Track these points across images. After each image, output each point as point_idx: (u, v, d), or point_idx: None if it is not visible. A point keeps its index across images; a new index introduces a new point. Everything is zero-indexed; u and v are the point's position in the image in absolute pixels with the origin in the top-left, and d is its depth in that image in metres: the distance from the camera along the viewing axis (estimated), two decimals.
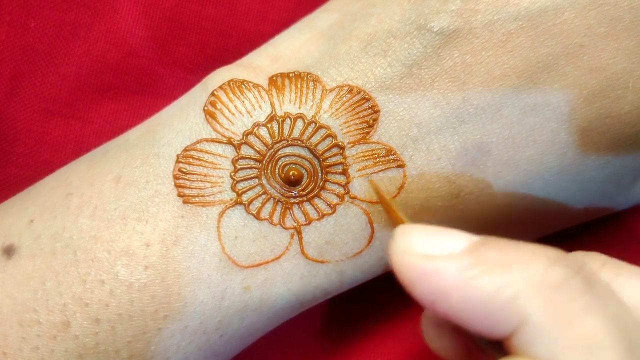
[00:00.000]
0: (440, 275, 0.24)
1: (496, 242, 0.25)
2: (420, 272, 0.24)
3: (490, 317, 0.23)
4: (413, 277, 0.24)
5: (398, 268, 0.25)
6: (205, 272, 0.31)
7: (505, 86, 0.31)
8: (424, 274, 0.24)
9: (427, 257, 0.24)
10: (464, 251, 0.24)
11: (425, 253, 0.24)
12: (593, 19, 0.31)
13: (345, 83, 0.32)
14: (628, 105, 0.32)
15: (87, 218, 0.31)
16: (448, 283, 0.24)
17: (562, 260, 0.24)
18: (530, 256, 0.24)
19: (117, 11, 0.39)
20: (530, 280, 0.23)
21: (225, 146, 0.31)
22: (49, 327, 0.30)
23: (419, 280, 0.24)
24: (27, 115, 0.39)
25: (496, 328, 0.23)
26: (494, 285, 0.23)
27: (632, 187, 0.35)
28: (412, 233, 0.25)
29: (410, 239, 0.25)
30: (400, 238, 0.25)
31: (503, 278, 0.23)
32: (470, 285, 0.23)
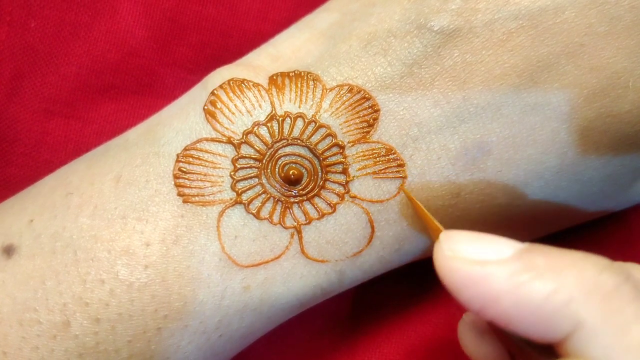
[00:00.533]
0: (489, 281, 0.24)
1: (542, 248, 0.25)
2: (468, 277, 0.24)
3: (543, 321, 0.23)
4: (460, 282, 0.24)
5: (444, 273, 0.25)
6: (205, 272, 0.31)
7: (506, 85, 0.31)
8: (472, 279, 0.24)
9: (476, 262, 0.24)
10: (512, 257, 0.24)
11: (473, 258, 0.24)
12: (593, 18, 0.31)
13: (345, 82, 0.32)
14: (628, 105, 0.32)
15: (87, 217, 0.31)
16: (498, 288, 0.24)
17: (612, 267, 0.24)
18: (580, 262, 0.24)
19: (118, 11, 0.39)
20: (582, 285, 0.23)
21: (225, 145, 0.31)
22: (49, 327, 0.30)
23: (467, 285, 0.24)
24: (27, 116, 0.39)
25: (549, 332, 0.23)
26: (546, 289, 0.23)
27: (631, 187, 0.35)
28: (458, 238, 0.25)
29: (456, 245, 0.25)
30: (446, 243, 0.25)
31: (555, 282, 0.23)
32: (521, 290, 0.23)
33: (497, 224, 0.34)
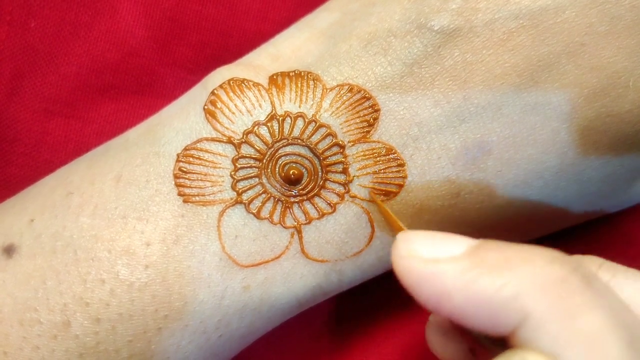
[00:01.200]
0: (442, 278, 0.24)
1: (494, 243, 0.25)
2: (423, 276, 0.24)
3: (492, 315, 0.23)
4: (416, 280, 0.25)
5: (401, 272, 0.25)
6: (205, 272, 0.31)
7: (506, 85, 0.31)
8: (427, 277, 0.24)
9: (429, 260, 0.25)
10: (464, 254, 0.25)
11: (427, 257, 0.25)
12: (594, 17, 0.31)
13: (345, 82, 0.32)
14: (628, 105, 0.32)
15: (87, 217, 0.31)
16: (450, 285, 0.24)
17: (561, 259, 0.24)
18: (529, 255, 0.24)
19: (117, 11, 0.39)
20: (530, 278, 0.23)
21: (225, 145, 0.31)
22: (49, 327, 0.30)
23: (422, 283, 0.25)
24: (27, 115, 0.39)
25: (499, 325, 0.24)
26: (494, 284, 0.23)
27: (630, 188, 0.35)
28: (413, 238, 0.26)
29: (411, 245, 0.25)
30: (402, 244, 0.26)
31: (503, 277, 0.23)
32: (471, 286, 0.24)
33: (497, 224, 0.34)
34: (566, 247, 0.41)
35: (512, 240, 0.36)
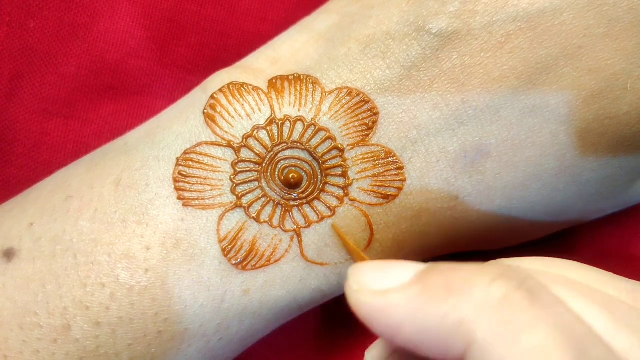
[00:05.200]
0: (391, 310, 0.24)
1: (441, 266, 0.24)
2: (374, 309, 0.24)
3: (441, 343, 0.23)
4: (368, 314, 0.24)
5: (354, 306, 0.24)
6: (205, 275, 0.31)
7: (504, 88, 0.31)
8: (378, 310, 0.24)
9: (378, 292, 0.24)
10: (412, 281, 0.24)
11: (376, 289, 0.24)
12: (592, 19, 0.31)
13: (344, 85, 0.32)
14: (626, 107, 0.32)
15: (87, 221, 0.31)
16: (399, 316, 0.23)
17: (504, 275, 0.23)
18: (472, 276, 0.23)
19: (117, 12, 0.39)
20: (472, 301, 0.23)
21: (225, 149, 0.31)
22: (49, 331, 0.30)
23: (374, 316, 0.24)
24: (26, 116, 0.39)
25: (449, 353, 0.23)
26: (439, 311, 0.23)
27: (629, 189, 0.35)
28: (362, 271, 0.25)
29: (361, 277, 0.25)
30: (352, 277, 0.25)
31: (447, 303, 0.23)
32: (418, 315, 0.23)
33: (496, 226, 0.34)
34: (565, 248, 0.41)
35: (513, 242, 0.37)
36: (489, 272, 0.23)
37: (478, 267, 0.24)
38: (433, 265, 0.25)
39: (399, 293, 0.24)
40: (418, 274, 0.24)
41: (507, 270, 0.24)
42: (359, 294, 0.24)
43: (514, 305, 0.22)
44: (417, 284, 0.24)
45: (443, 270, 0.24)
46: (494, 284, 0.23)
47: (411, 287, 0.24)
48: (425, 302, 0.23)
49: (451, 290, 0.23)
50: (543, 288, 0.23)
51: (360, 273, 0.25)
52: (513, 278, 0.23)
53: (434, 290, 0.23)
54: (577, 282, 0.25)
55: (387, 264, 0.25)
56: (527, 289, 0.23)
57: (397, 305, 0.23)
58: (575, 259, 0.42)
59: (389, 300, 0.24)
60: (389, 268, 0.25)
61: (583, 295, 0.24)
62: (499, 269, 0.24)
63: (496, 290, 0.23)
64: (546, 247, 0.40)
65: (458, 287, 0.23)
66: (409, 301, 0.23)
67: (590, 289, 0.25)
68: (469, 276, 0.23)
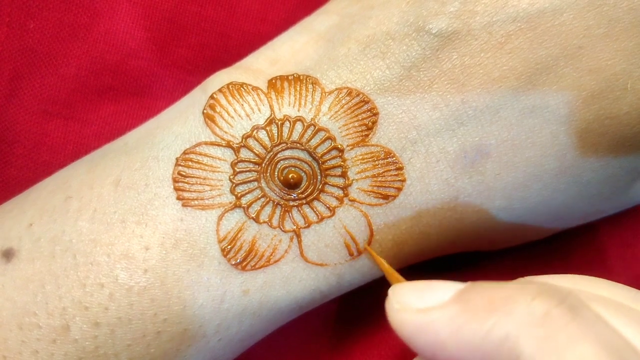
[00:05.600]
0: (433, 327, 0.24)
1: (481, 285, 0.25)
2: (416, 327, 0.24)
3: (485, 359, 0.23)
4: (411, 333, 0.25)
5: (396, 326, 0.25)
6: (204, 276, 0.31)
7: (504, 88, 0.31)
8: (420, 328, 0.24)
9: (420, 311, 0.25)
10: (452, 299, 0.25)
11: (418, 307, 0.25)
12: (592, 20, 0.31)
13: (344, 85, 0.32)
14: (627, 107, 0.32)
15: (86, 221, 0.31)
16: (442, 334, 0.24)
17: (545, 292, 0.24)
18: (514, 294, 0.24)
19: (116, 12, 0.39)
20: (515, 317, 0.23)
21: (224, 149, 0.31)
22: (48, 331, 0.30)
23: (417, 335, 0.24)
24: (26, 117, 0.39)
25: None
26: (482, 329, 0.23)
27: (629, 189, 0.35)
28: (403, 290, 0.26)
29: (402, 297, 0.25)
30: (394, 297, 0.26)
31: (490, 321, 0.23)
32: (461, 333, 0.23)
33: (496, 227, 0.34)
34: (565, 248, 0.41)
35: (513, 242, 0.37)
36: (529, 289, 0.24)
37: (518, 285, 0.24)
38: (473, 284, 0.25)
39: (441, 311, 0.24)
40: (458, 293, 0.25)
41: (547, 288, 0.24)
42: (401, 313, 0.25)
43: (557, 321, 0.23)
44: (458, 302, 0.24)
45: (483, 288, 0.25)
46: (535, 301, 0.23)
47: (452, 305, 0.24)
48: (468, 319, 0.24)
49: (493, 307, 0.23)
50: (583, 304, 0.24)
51: (401, 293, 0.26)
52: (554, 295, 0.23)
53: (475, 307, 0.24)
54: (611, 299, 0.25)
55: (428, 284, 0.26)
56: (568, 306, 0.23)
57: (440, 322, 0.24)
58: (575, 260, 0.42)
59: (432, 318, 0.24)
60: (429, 287, 0.25)
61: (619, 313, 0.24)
62: (539, 286, 0.24)
63: (538, 307, 0.23)
64: (546, 247, 0.40)
65: (500, 304, 0.23)
66: (452, 319, 0.24)
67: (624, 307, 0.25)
68: (510, 294, 0.24)
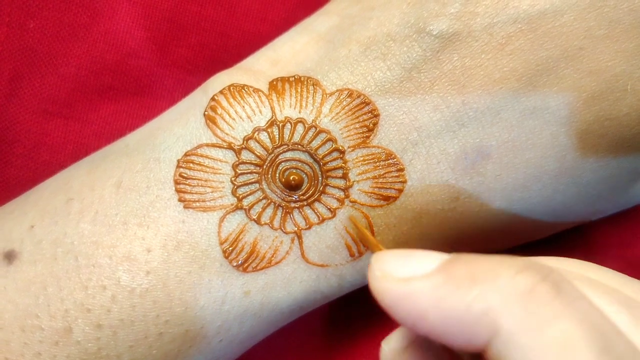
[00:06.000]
0: (415, 297, 0.24)
1: (466, 257, 0.25)
2: (398, 296, 0.24)
3: (466, 332, 0.23)
4: (392, 301, 0.24)
5: (377, 294, 0.25)
6: (206, 277, 0.31)
7: (505, 89, 0.31)
8: (401, 297, 0.24)
9: (402, 280, 0.24)
10: (436, 270, 0.24)
11: (400, 276, 0.24)
12: (592, 21, 0.31)
13: (345, 87, 0.32)
14: (627, 108, 0.32)
15: (88, 223, 0.31)
16: (423, 304, 0.24)
17: (530, 267, 0.23)
18: (498, 267, 0.24)
19: (116, 12, 0.39)
20: (498, 291, 0.23)
21: (225, 151, 0.31)
22: (51, 333, 0.30)
23: (398, 304, 0.24)
24: (26, 117, 0.39)
25: (473, 342, 0.23)
26: (465, 300, 0.23)
27: (629, 190, 0.35)
28: (387, 258, 0.25)
29: (385, 265, 0.25)
30: (376, 265, 0.25)
31: (472, 292, 0.23)
32: (443, 304, 0.23)
33: (496, 227, 0.34)
34: (565, 248, 0.41)
35: (513, 243, 0.37)
36: (514, 263, 0.24)
37: (503, 258, 0.24)
38: (457, 255, 0.25)
39: (423, 281, 0.24)
40: (442, 263, 0.24)
41: (532, 263, 0.24)
42: (382, 281, 0.24)
43: (540, 297, 0.22)
44: (441, 272, 0.24)
45: (468, 260, 0.24)
46: (519, 275, 0.23)
47: (436, 275, 0.24)
48: (450, 290, 0.23)
49: (476, 279, 0.23)
50: (567, 282, 0.24)
51: (383, 261, 0.25)
52: (538, 271, 0.23)
53: (459, 279, 0.23)
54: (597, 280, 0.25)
55: (411, 252, 0.25)
56: (552, 282, 0.23)
57: (422, 292, 0.24)
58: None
59: (414, 287, 0.24)
60: (413, 256, 0.25)
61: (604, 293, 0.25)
62: (524, 261, 0.24)
63: (522, 281, 0.23)
64: (546, 248, 0.40)
65: (483, 276, 0.23)
66: (434, 289, 0.24)
67: (610, 288, 0.25)
68: (495, 266, 0.24)
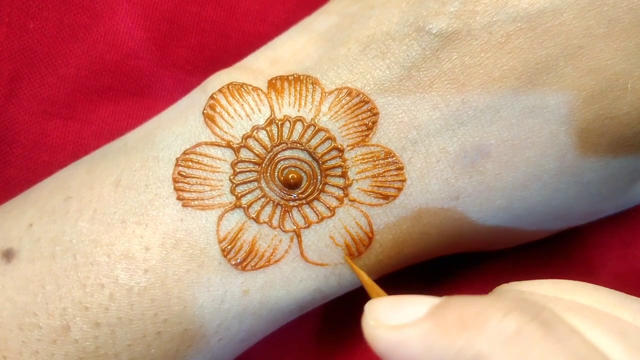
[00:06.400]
0: (406, 345, 0.23)
1: (455, 301, 0.24)
2: (390, 344, 0.24)
3: None
4: (384, 349, 0.24)
5: (371, 343, 0.24)
6: (204, 276, 0.31)
7: (504, 88, 0.31)
8: (393, 345, 0.24)
9: (393, 327, 0.24)
10: (425, 316, 0.24)
11: (392, 324, 0.24)
12: (592, 19, 0.31)
13: (344, 86, 0.32)
14: (627, 107, 0.32)
15: (86, 222, 0.31)
16: (414, 351, 0.23)
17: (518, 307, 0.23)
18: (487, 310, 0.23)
19: (116, 13, 0.39)
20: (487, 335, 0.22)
21: (224, 149, 0.31)
22: (49, 331, 0.30)
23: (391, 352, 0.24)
24: (25, 117, 0.39)
25: None
26: (454, 346, 0.23)
27: (629, 189, 0.35)
28: (378, 306, 0.25)
29: (377, 313, 0.25)
30: (369, 313, 0.25)
31: (462, 339, 0.23)
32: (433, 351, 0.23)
33: (496, 227, 0.34)
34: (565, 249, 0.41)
35: (513, 243, 0.37)
36: (502, 305, 0.23)
37: (492, 300, 0.24)
38: (447, 299, 0.24)
39: (413, 328, 0.24)
40: (432, 309, 0.24)
41: (521, 302, 0.24)
42: (375, 330, 0.24)
43: (528, 338, 0.22)
44: (431, 318, 0.24)
45: (457, 304, 0.24)
46: (507, 317, 0.23)
47: (426, 322, 0.24)
48: (440, 336, 0.23)
49: (465, 324, 0.23)
50: (557, 319, 0.23)
51: (376, 308, 0.25)
52: (527, 310, 0.23)
53: (448, 324, 0.23)
54: (591, 308, 0.25)
55: (402, 299, 0.25)
56: (541, 321, 0.23)
57: (412, 340, 0.23)
58: (575, 260, 0.42)
59: (405, 335, 0.24)
60: (403, 303, 0.25)
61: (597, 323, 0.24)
62: (512, 301, 0.24)
63: (510, 323, 0.22)
64: (546, 247, 0.40)
65: (472, 321, 0.23)
66: (424, 336, 0.23)
67: (603, 316, 0.25)
68: (483, 310, 0.23)
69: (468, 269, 0.41)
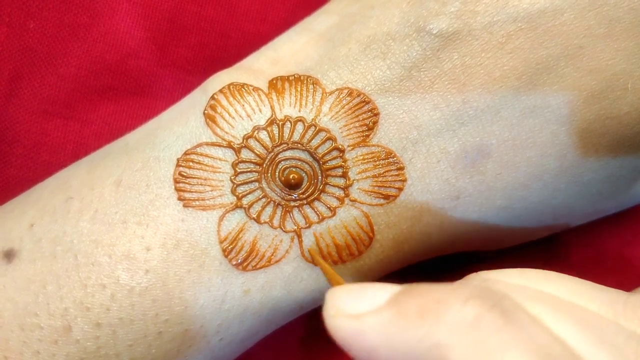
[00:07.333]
0: (366, 333, 0.23)
1: (416, 288, 0.24)
2: (350, 333, 0.23)
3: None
4: (344, 338, 0.24)
5: (331, 332, 0.24)
6: (205, 276, 0.31)
7: (505, 88, 0.31)
8: (353, 334, 0.23)
9: (353, 316, 0.24)
10: (386, 304, 0.23)
11: (352, 313, 0.24)
12: (592, 19, 0.31)
13: (344, 86, 0.32)
14: (627, 107, 0.32)
15: (87, 222, 0.31)
16: (374, 340, 0.23)
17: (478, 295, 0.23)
18: (447, 297, 0.23)
19: (116, 12, 0.39)
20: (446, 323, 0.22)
21: (225, 150, 0.31)
22: (50, 332, 0.30)
23: (351, 341, 0.23)
24: (26, 117, 0.39)
25: None
26: (414, 335, 0.22)
27: (630, 189, 0.35)
28: (338, 295, 0.25)
29: (337, 302, 0.24)
30: (329, 302, 0.25)
31: (422, 327, 0.22)
32: (393, 339, 0.23)
33: (497, 227, 0.34)
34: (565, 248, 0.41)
35: (513, 242, 0.37)
36: (462, 292, 0.23)
37: (452, 287, 0.23)
38: (408, 287, 0.24)
39: (373, 316, 0.23)
40: (392, 297, 0.24)
41: (482, 290, 0.23)
42: (335, 319, 0.24)
43: (488, 326, 0.22)
44: (391, 307, 0.23)
45: (417, 292, 0.24)
46: (467, 304, 0.22)
47: (386, 310, 0.23)
48: (400, 325, 0.23)
49: (425, 313, 0.22)
50: (518, 307, 0.23)
51: (336, 297, 0.25)
52: (487, 298, 0.23)
53: (408, 313, 0.23)
54: (556, 297, 0.25)
55: (363, 287, 0.25)
56: (501, 309, 0.22)
57: (372, 329, 0.23)
58: (575, 260, 0.42)
59: (364, 324, 0.23)
60: (364, 291, 0.24)
61: (561, 312, 0.24)
62: (474, 289, 0.23)
63: (469, 311, 0.22)
64: (546, 247, 0.40)
65: (432, 309, 0.22)
66: (384, 325, 0.23)
67: (568, 305, 0.24)
68: (443, 297, 0.23)
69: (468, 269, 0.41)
